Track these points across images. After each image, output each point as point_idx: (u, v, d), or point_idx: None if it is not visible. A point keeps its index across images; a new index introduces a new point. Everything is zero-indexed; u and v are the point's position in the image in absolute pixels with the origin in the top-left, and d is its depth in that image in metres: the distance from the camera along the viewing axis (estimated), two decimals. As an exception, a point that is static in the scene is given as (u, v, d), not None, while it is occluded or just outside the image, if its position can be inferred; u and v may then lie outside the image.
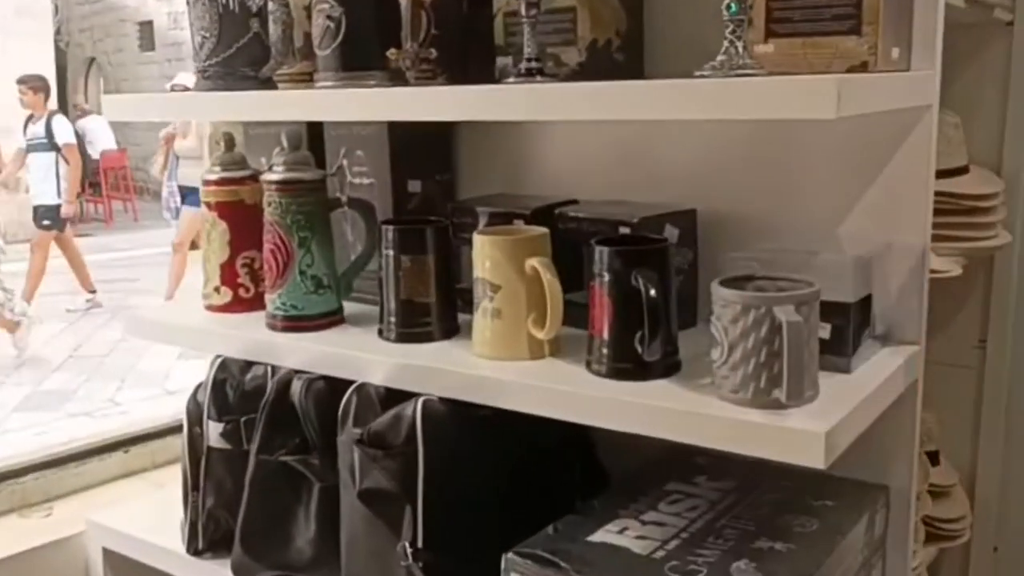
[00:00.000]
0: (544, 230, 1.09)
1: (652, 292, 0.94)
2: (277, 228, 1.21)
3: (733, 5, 0.88)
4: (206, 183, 1.33)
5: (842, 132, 1.08)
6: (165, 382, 4.87)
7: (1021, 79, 1.56)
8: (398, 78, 1.11)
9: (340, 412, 1.09)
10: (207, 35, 1.21)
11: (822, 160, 1.10)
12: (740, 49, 0.88)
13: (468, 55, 1.14)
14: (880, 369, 1.00)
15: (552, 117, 0.94)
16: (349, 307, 1.28)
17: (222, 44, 1.20)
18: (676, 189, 1.21)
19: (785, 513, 1.04)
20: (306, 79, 1.29)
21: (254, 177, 1.34)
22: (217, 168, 1.33)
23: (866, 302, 1.01)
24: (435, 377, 1.06)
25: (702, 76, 0.89)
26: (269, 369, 1.22)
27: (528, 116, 0.98)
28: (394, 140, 1.29)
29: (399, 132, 1.29)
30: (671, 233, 1.13)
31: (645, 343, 0.95)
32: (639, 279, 0.95)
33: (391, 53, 1.07)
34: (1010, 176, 1.62)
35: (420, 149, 1.33)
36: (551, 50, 1.11)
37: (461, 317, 1.18)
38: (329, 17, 1.08)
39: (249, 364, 1.24)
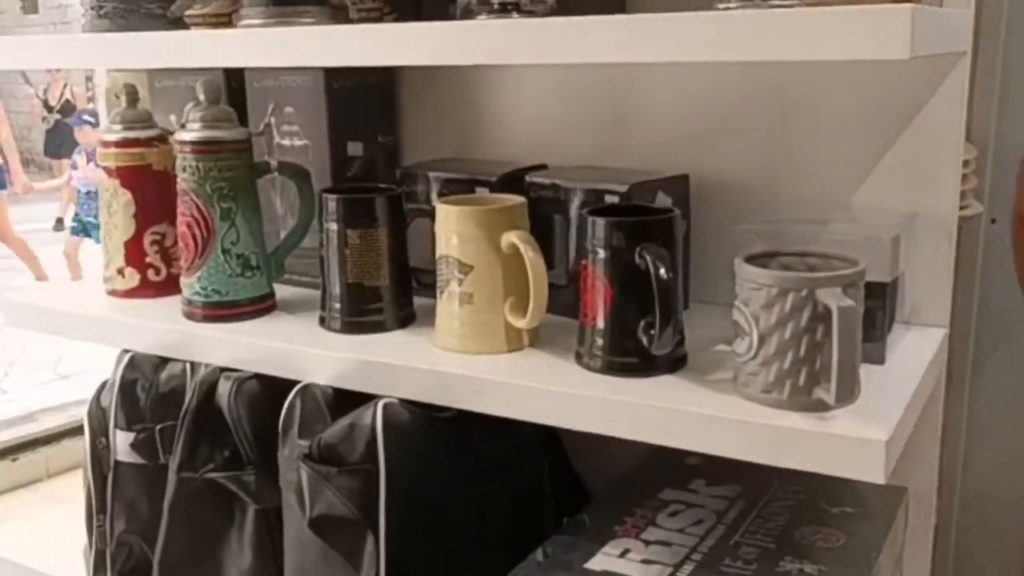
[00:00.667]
0: (521, 199, 0.92)
1: (663, 272, 0.79)
2: (194, 198, 1.01)
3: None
4: (104, 144, 1.12)
5: (860, 82, 0.94)
6: (58, 365, 4.53)
7: (990, 39, 1.45)
8: (340, 16, 0.92)
9: (282, 420, 0.90)
10: (102, -37, 0.99)
11: (834, 116, 0.96)
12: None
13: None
14: (915, 358, 0.86)
15: (537, 60, 0.77)
16: (280, 290, 1.10)
17: (121, -26, 0.99)
18: (659, 152, 1.06)
19: (803, 524, 0.90)
20: (224, 21, 1.09)
21: (163, 137, 1.13)
22: (117, 126, 1.11)
23: (898, 281, 0.88)
24: (398, 376, 0.89)
25: (728, 8, 0.73)
26: (188, 367, 1.03)
27: (506, 60, 0.80)
28: (332, 94, 1.10)
29: (337, 85, 1.10)
30: (663, 202, 0.98)
31: (655, 333, 0.80)
32: (646, 256, 0.80)
33: (337, -17, 0.88)
34: (980, 141, 1.52)
35: (361, 105, 1.14)
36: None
37: (416, 302, 1.01)
38: (257, -59, 0.88)
39: (164, 361, 1.04)
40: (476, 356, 0.90)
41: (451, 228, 0.90)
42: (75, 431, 1.35)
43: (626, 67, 1.05)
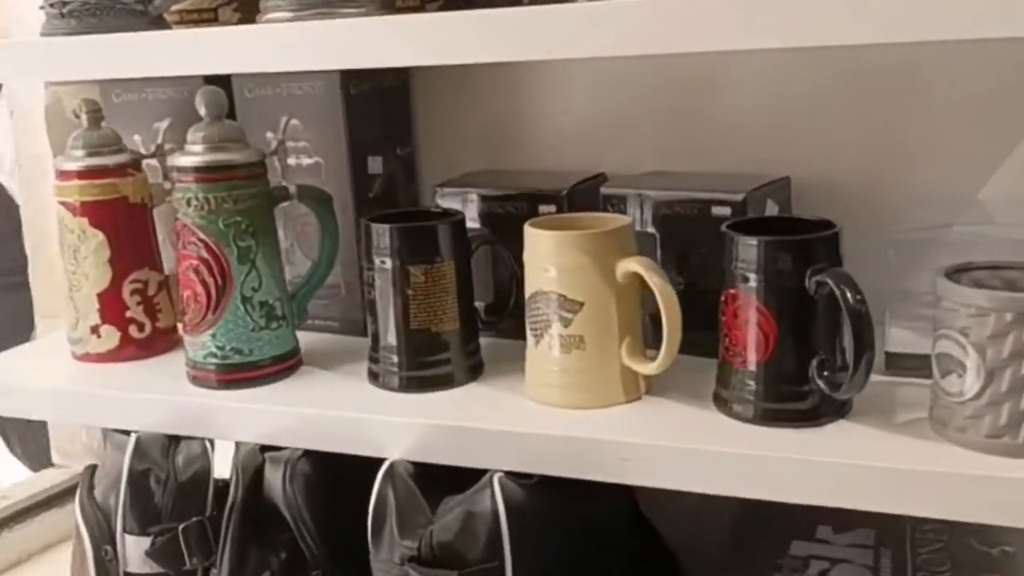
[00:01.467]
0: (627, 219, 0.76)
1: (851, 297, 0.65)
2: (204, 237, 0.81)
3: None
4: (64, 175, 0.90)
5: (984, 60, 0.82)
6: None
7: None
8: (386, 4, 0.74)
9: (372, 515, 0.71)
10: (64, -54, 0.78)
11: (952, 100, 0.84)
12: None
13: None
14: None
15: (644, 51, 0.62)
16: (302, 341, 0.91)
17: (91, -40, 0.78)
18: (735, 152, 0.92)
19: (968, 572, 0.79)
20: (210, 17, 0.89)
21: (137, 163, 0.92)
22: (79, 152, 0.90)
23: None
24: (507, 444, 0.72)
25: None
26: (208, 445, 0.83)
27: (599, 52, 0.64)
28: (350, 102, 0.91)
29: (355, 90, 0.91)
30: (772, 210, 0.84)
31: (848, 374, 0.65)
32: (828, 281, 0.65)
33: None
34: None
35: (378, 113, 0.96)
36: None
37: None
38: (290, -89, 0.69)
39: (174, 440, 0.84)
40: (590, 411, 0.74)
41: (549, 258, 0.74)
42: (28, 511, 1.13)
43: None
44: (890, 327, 0.78)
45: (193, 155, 0.81)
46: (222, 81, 0.92)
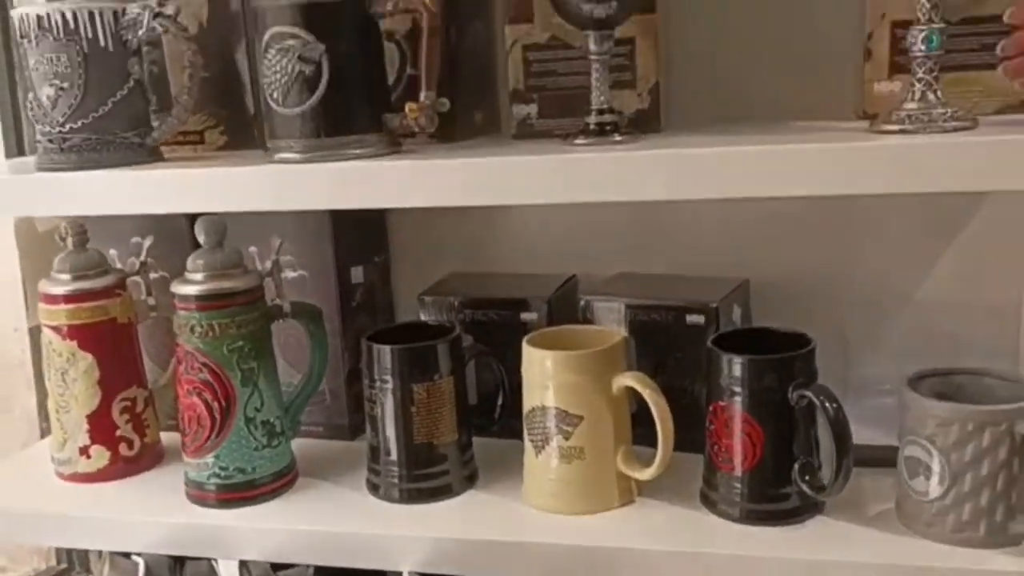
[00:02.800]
0: (623, 335, 0.83)
1: (833, 411, 0.72)
2: (208, 362, 0.83)
3: (934, 37, 0.68)
4: (51, 299, 0.91)
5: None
6: None
7: None
8: (394, 143, 0.79)
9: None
10: (64, 85, 0.80)
11: (895, 212, 0.94)
12: (938, 95, 0.69)
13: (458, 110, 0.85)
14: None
15: (682, 196, 0.69)
16: (296, 451, 0.93)
17: (91, 99, 0.80)
18: (698, 254, 0.99)
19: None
20: (196, 139, 0.92)
21: (123, 283, 0.94)
22: (66, 276, 0.91)
23: None
24: (515, 553, 0.76)
25: (898, 131, 0.68)
26: (214, 564, 0.84)
27: (639, 194, 0.71)
28: (335, 217, 0.96)
29: (338, 206, 0.95)
30: (737, 315, 0.92)
31: (830, 480, 0.73)
32: (809, 397, 0.73)
33: (410, 109, 0.75)
34: None
35: (356, 224, 1.00)
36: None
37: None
38: (303, 59, 0.73)
39: (180, 561, 0.85)
40: (587, 516, 0.80)
41: (548, 375, 0.79)
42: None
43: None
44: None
45: (195, 283, 0.83)
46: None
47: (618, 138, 0.75)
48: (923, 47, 0.68)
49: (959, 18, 0.78)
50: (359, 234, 1.00)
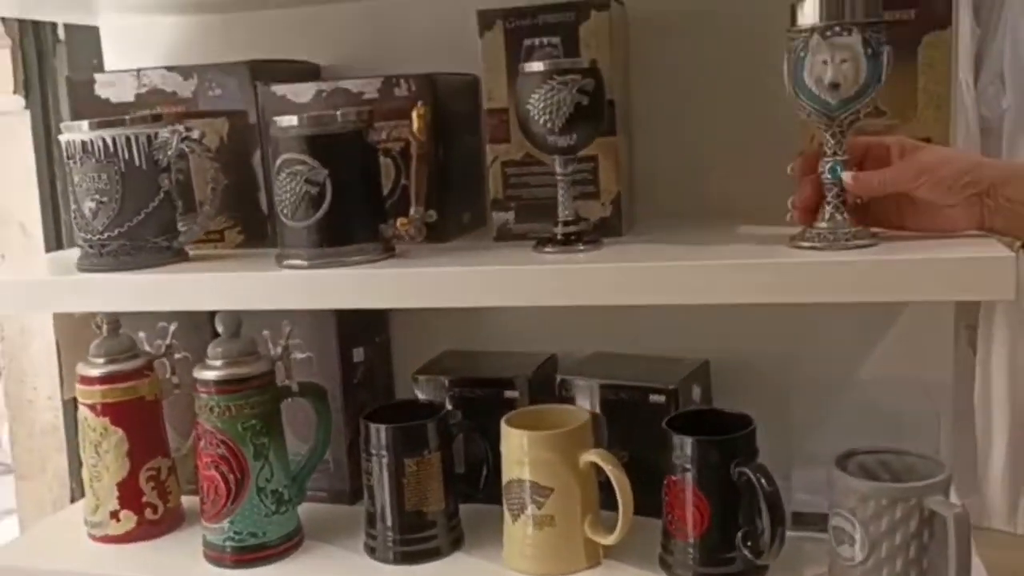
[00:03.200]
0: (587, 415, 0.94)
1: (766, 484, 0.83)
2: (224, 438, 0.95)
3: (837, 167, 0.80)
4: (87, 381, 1.03)
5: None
6: None
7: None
8: (388, 249, 0.91)
9: None
10: (104, 200, 0.92)
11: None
12: (843, 216, 0.80)
13: (448, 215, 0.97)
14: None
15: (634, 301, 0.80)
16: (302, 516, 1.04)
17: (126, 211, 0.93)
18: (664, 337, 1.10)
19: None
20: (216, 238, 1.04)
21: (150, 364, 1.06)
22: (101, 359, 1.03)
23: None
24: (496, 614, 0.87)
25: (807, 247, 0.80)
26: (230, 620, 0.95)
27: (595, 300, 0.82)
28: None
29: (342, 295, 1.07)
30: (696, 394, 1.03)
31: (763, 543, 0.83)
32: (747, 474, 0.84)
33: (400, 223, 0.87)
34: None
35: (359, 309, 1.12)
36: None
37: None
38: (309, 181, 0.86)
39: (198, 617, 0.96)
40: (559, 576, 0.90)
41: (523, 453, 0.90)
42: None
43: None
44: (795, 490, 0.97)
45: (214, 369, 0.95)
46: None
47: (581, 247, 0.87)
48: (829, 176, 0.80)
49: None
50: (360, 317, 1.12)
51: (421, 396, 1.07)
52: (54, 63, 1.31)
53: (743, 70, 1.00)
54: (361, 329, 1.12)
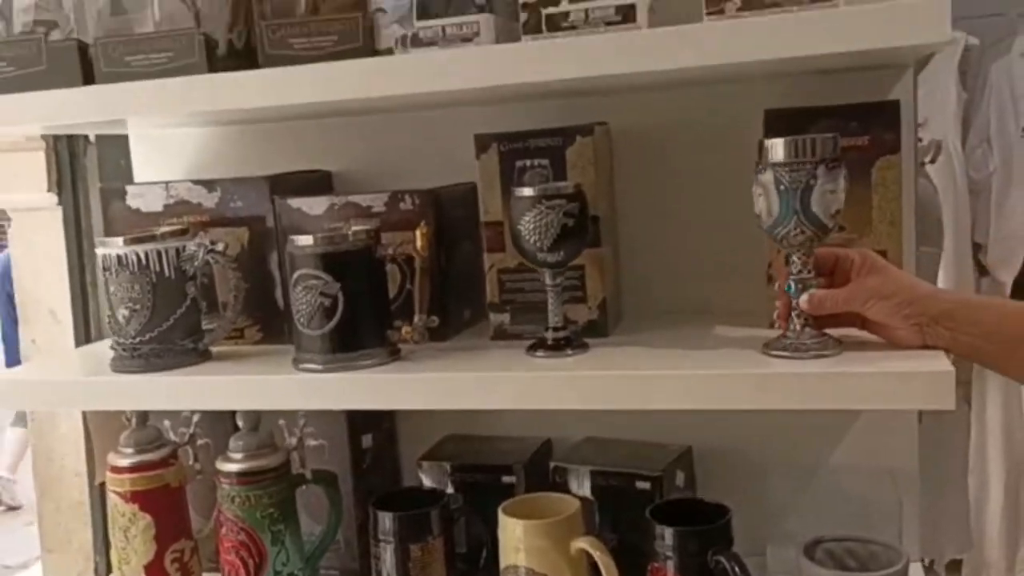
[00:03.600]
0: (577, 505, 1.02)
1: (740, 572, 0.90)
2: (244, 526, 1.03)
3: (792, 285, 0.88)
4: (117, 470, 1.11)
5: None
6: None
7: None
8: (395, 353, 1.00)
9: None
10: (136, 308, 1.02)
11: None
12: (809, 328, 0.89)
13: (450, 316, 1.06)
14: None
15: (615, 406, 0.89)
16: (315, 594, 1.12)
17: (156, 317, 1.02)
18: (653, 422, 1.18)
19: None
20: (236, 335, 1.13)
21: (175, 453, 1.14)
22: (130, 450, 1.11)
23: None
24: None
25: (777, 356, 0.88)
26: None
27: (581, 405, 0.91)
28: (349, 397, 1.16)
29: (352, 386, 1.16)
30: (680, 478, 1.11)
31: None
32: (723, 562, 0.91)
33: (405, 331, 0.96)
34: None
35: (367, 398, 1.20)
36: (559, 307, 1.04)
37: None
38: (323, 294, 0.95)
39: None
40: (554, 655, 0.97)
41: (519, 540, 0.98)
42: None
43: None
44: (770, 568, 1.04)
45: (235, 462, 1.04)
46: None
47: (569, 352, 0.96)
48: (795, 294, 0.88)
49: (840, 251, 0.98)
50: (369, 406, 1.20)
51: (426, 481, 1.15)
52: (85, 163, 1.41)
53: (718, 178, 1.09)
54: (369, 416, 1.20)
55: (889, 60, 0.98)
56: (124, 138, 1.33)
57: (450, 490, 1.13)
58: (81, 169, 1.43)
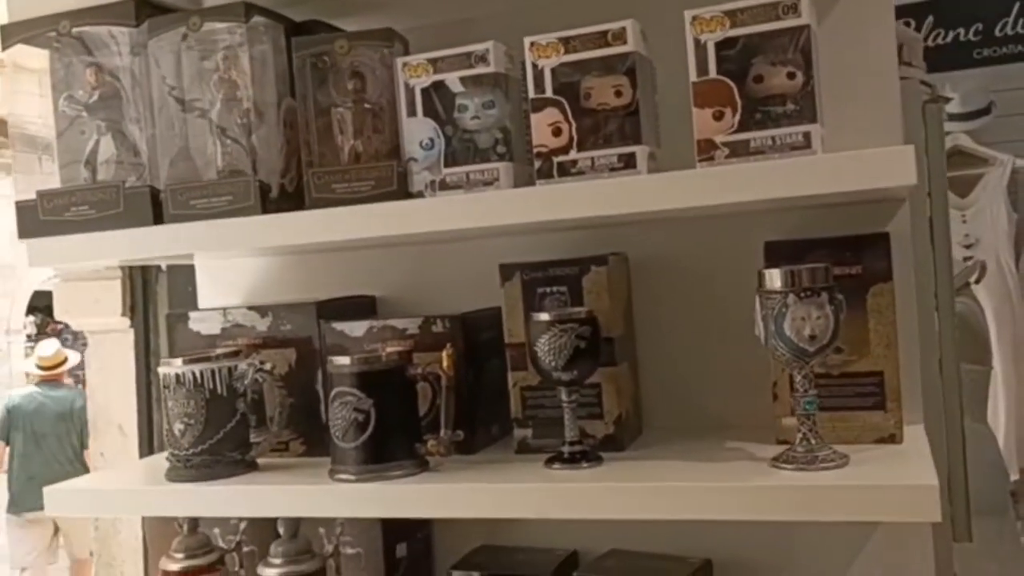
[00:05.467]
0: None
1: None
2: (281, 629, 1.10)
3: (809, 404, 0.95)
4: (166, 574, 1.19)
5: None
6: None
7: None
8: (423, 465, 1.08)
9: None
10: (191, 422, 1.12)
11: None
12: (814, 441, 0.94)
13: (477, 430, 1.14)
14: None
15: (626, 516, 0.95)
16: None
17: (208, 430, 1.12)
18: (676, 533, 1.22)
19: None
20: (281, 448, 1.22)
21: (222, 558, 1.22)
22: (180, 555, 1.20)
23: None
24: None
25: (785, 469, 0.94)
26: None
27: (593, 514, 0.98)
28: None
29: (388, 498, 1.23)
30: (701, 592, 1.14)
31: None
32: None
33: (431, 444, 1.04)
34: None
35: (403, 509, 1.28)
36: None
37: None
38: (357, 410, 1.04)
39: None
40: None
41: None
42: None
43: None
44: None
45: (274, 567, 1.11)
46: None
47: (585, 465, 1.03)
48: (804, 407, 0.94)
49: (840, 372, 1.04)
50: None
51: (458, 590, 1.20)
52: (156, 289, 1.55)
53: (728, 303, 1.17)
54: (405, 526, 1.27)
55: (883, 196, 1.06)
56: (191, 268, 1.47)
57: (479, 599, 1.18)
58: (152, 295, 1.57)
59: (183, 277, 1.49)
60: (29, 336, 8.63)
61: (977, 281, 2.79)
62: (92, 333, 1.62)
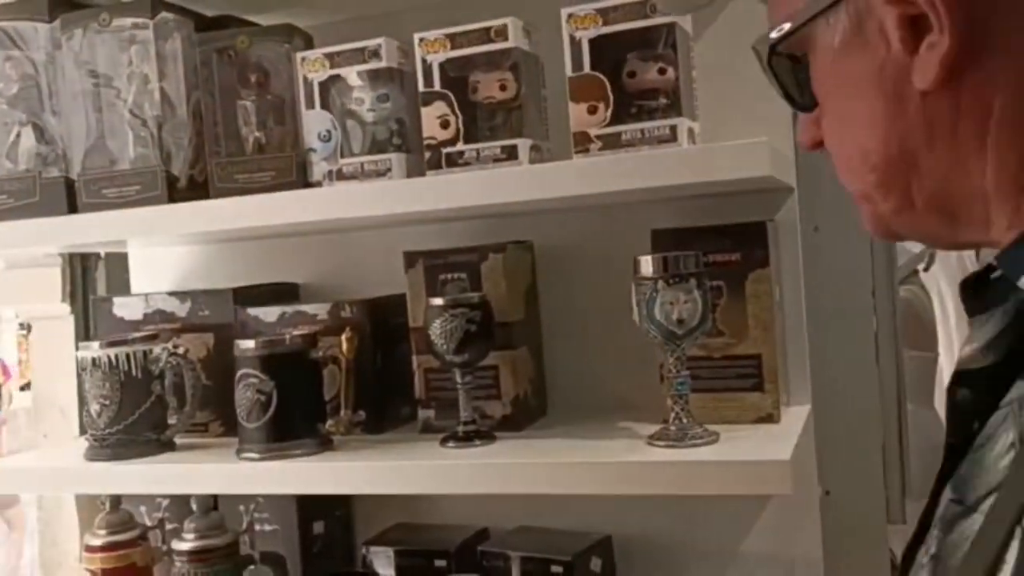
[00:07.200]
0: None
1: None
2: (192, 602, 1.15)
3: (680, 385, 0.99)
4: (89, 549, 1.24)
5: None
6: None
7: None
8: (326, 444, 1.12)
9: None
10: (106, 403, 1.17)
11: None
12: (686, 420, 0.99)
13: (386, 411, 1.19)
14: None
15: (508, 491, 1.00)
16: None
17: (123, 411, 1.16)
18: (583, 511, 1.28)
19: None
20: (201, 429, 1.27)
21: (144, 535, 1.27)
22: (102, 531, 1.24)
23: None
24: None
25: (659, 446, 0.99)
26: None
27: (474, 490, 1.02)
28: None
29: (304, 477, 1.28)
30: (596, 564, 1.19)
31: None
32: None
33: (331, 424, 1.09)
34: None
35: (321, 488, 1.32)
36: (475, 403, 1.16)
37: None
38: (259, 391, 1.09)
39: None
40: None
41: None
42: None
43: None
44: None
45: (187, 541, 1.16)
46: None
47: (477, 443, 1.07)
48: (676, 388, 0.99)
49: (721, 355, 1.09)
50: (322, 496, 1.32)
51: (376, 565, 1.25)
52: (95, 276, 1.59)
53: (622, 288, 1.21)
54: (321, 503, 1.32)
55: (767, 185, 1.10)
56: (125, 255, 1.51)
57: (392, 573, 1.23)
58: (92, 282, 1.61)
59: (120, 265, 1.53)
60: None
61: (926, 269, 2.83)
62: (34, 319, 1.66)
